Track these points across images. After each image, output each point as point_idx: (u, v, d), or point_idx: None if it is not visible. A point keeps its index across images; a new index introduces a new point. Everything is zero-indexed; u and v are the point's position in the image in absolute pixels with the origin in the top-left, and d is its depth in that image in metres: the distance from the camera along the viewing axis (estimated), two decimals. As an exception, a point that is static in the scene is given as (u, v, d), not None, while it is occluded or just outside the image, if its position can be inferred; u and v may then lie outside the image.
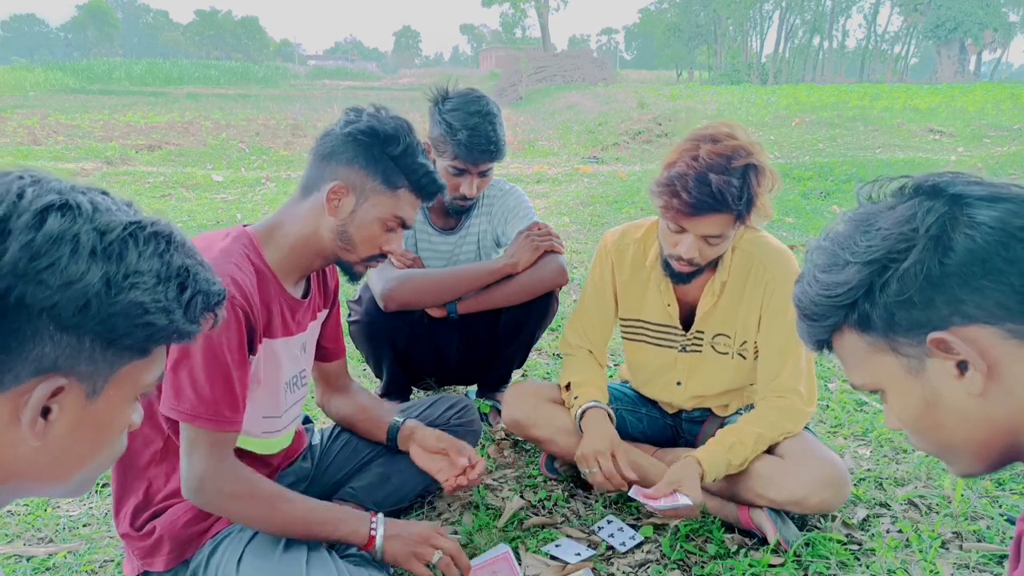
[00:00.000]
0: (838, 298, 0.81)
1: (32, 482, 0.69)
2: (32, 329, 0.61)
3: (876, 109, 15.43)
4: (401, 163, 1.45)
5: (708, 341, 1.93)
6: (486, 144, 2.08)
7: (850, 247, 0.80)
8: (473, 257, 2.40)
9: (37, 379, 0.63)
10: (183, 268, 0.70)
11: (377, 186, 1.45)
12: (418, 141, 1.49)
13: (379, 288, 2.07)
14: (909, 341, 0.78)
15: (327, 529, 1.43)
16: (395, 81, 57.45)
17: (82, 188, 0.67)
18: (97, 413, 0.68)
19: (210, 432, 1.34)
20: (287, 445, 1.67)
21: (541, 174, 9.35)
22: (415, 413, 1.92)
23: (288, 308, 1.50)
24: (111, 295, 0.64)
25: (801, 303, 0.87)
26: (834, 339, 0.86)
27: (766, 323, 1.86)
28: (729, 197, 1.62)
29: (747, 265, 1.86)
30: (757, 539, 1.81)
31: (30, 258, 0.60)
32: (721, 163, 1.62)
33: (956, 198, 0.77)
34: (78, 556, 1.77)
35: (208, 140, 12.74)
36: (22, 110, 17.38)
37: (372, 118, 1.45)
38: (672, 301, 1.93)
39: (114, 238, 0.65)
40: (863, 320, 0.80)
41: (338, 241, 1.47)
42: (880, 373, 0.83)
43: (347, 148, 1.43)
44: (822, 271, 0.83)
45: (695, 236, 1.69)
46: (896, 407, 0.84)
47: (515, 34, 76.48)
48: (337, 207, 1.44)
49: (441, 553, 1.47)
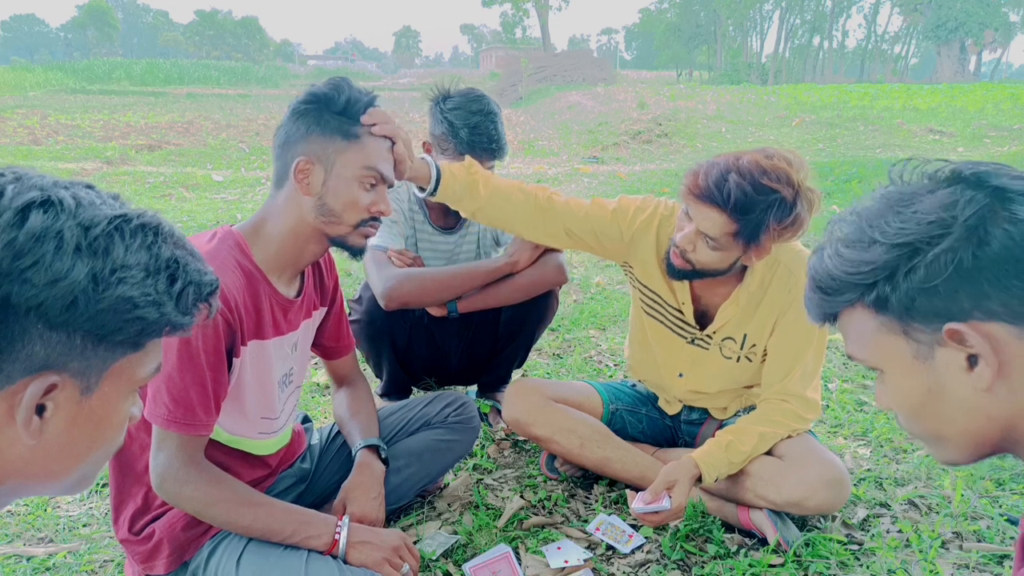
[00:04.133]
0: (859, 276, 0.78)
1: (31, 481, 0.68)
2: (20, 328, 0.61)
3: (876, 109, 15.44)
4: (350, 112, 1.43)
5: (717, 343, 1.93)
6: (488, 142, 2.09)
7: (880, 226, 0.77)
8: (473, 256, 2.40)
9: (29, 378, 0.62)
10: (173, 260, 0.69)
11: (338, 144, 1.41)
12: (360, 89, 1.46)
13: (380, 287, 2.08)
14: (923, 328, 0.76)
15: (287, 532, 1.44)
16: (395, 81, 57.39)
17: (65, 183, 0.66)
18: (93, 409, 0.68)
19: (180, 435, 1.35)
20: (285, 444, 1.67)
21: (541, 174, 9.36)
22: (413, 411, 1.92)
23: (280, 308, 1.49)
24: (98, 291, 0.63)
25: (817, 275, 0.84)
26: (843, 314, 0.84)
27: (781, 328, 1.83)
28: (734, 200, 1.57)
29: (771, 269, 1.82)
30: (757, 539, 1.81)
31: (13, 257, 0.60)
32: (752, 171, 1.58)
33: (999, 191, 0.74)
34: (78, 556, 1.77)
35: (208, 140, 12.75)
36: (22, 110, 17.38)
37: (308, 89, 1.45)
38: (687, 300, 1.90)
39: (99, 233, 0.64)
40: (880, 301, 0.78)
41: (321, 217, 1.43)
42: (885, 353, 0.81)
43: (297, 125, 1.42)
44: (846, 246, 0.80)
45: (696, 228, 1.68)
46: (894, 389, 0.83)
47: (515, 34, 76.44)
48: (308, 183, 1.41)
49: (408, 568, 1.49)
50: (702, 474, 1.75)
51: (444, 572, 1.71)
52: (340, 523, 1.48)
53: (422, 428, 1.89)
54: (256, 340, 1.44)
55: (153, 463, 1.38)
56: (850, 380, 2.85)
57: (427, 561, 1.72)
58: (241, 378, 1.44)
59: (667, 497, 1.70)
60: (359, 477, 1.65)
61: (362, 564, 1.45)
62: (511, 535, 1.85)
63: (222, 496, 1.40)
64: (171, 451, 1.36)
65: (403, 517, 1.92)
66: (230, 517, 1.41)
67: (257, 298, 1.43)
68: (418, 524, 1.89)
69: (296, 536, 1.44)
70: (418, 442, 1.86)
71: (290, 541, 1.44)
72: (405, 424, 1.89)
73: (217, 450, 1.49)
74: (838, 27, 66.58)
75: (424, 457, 1.85)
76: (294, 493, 1.72)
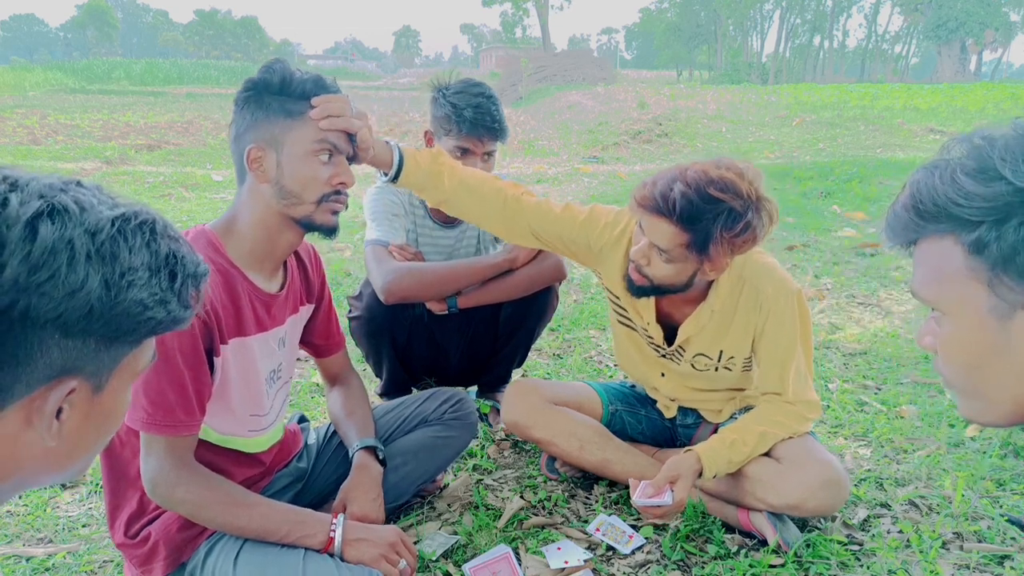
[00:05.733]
0: (968, 210, 0.69)
1: (40, 474, 0.70)
2: (38, 339, 0.62)
3: (877, 109, 15.44)
4: (289, 90, 1.41)
5: (688, 359, 1.92)
6: (491, 122, 2.12)
7: (1012, 161, 0.68)
8: (473, 252, 2.41)
9: (48, 385, 0.64)
10: (170, 255, 0.70)
11: (283, 124, 1.39)
12: (294, 68, 1.43)
13: (380, 281, 2.08)
14: (1014, 286, 0.69)
15: (282, 532, 1.43)
16: (395, 81, 57.46)
17: (60, 185, 0.66)
18: (103, 404, 0.70)
19: (166, 438, 1.35)
20: (276, 440, 1.66)
21: (541, 174, 9.36)
22: (410, 408, 1.91)
23: (261, 303, 1.48)
24: (111, 297, 0.64)
25: (918, 194, 0.74)
26: (926, 243, 0.75)
27: (765, 341, 1.82)
28: (680, 209, 1.55)
29: (737, 288, 1.81)
30: (757, 540, 1.81)
31: (29, 271, 0.60)
32: (698, 181, 1.56)
33: None
34: (77, 556, 1.77)
35: (208, 140, 12.75)
36: (22, 110, 17.37)
37: (245, 79, 1.44)
38: (652, 320, 1.89)
39: (105, 238, 0.64)
40: (978, 243, 0.69)
41: (282, 200, 1.41)
42: (958, 299, 0.73)
43: (243, 115, 1.41)
44: (964, 172, 0.70)
45: (648, 241, 1.66)
46: (953, 338, 0.76)
47: (515, 34, 76.42)
48: (263, 169, 1.40)
49: (405, 563, 1.48)
50: (704, 469, 1.74)
51: (444, 572, 1.71)
52: (335, 521, 1.48)
53: (419, 425, 1.89)
54: (238, 338, 1.43)
55: (143, 468, 1.37)
56: (850, 380, 2.84)
57: (427, 561, 1.72)
58: (225, 377, 1.43)
59: (669, 491, 1.69)
60: (357, 478, 1.64)
61: (359, 561, 1.44)
62: (511, 535, 1.84)
63: (215, 498, 1.40)
64: (159, 455, 1.36)
65: (403, 517, 1.92)
66: (224, 519, 1.41)
67: (235, 295, 1.42)
68: (418, 524, 1.89)
69: (291, 536, 1.44)
70: (415, 440, 1.85)
71: (286, 541, 1.44)
72: (401, 422, 1.89)
73: (209, 450, 1.48)
74: (839, 27, 66.64)
75: (421, 455, 1.85)
76: (291, 493, 1.72)
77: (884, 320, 3.61)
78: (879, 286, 4.18)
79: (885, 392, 2.73)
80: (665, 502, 1.67)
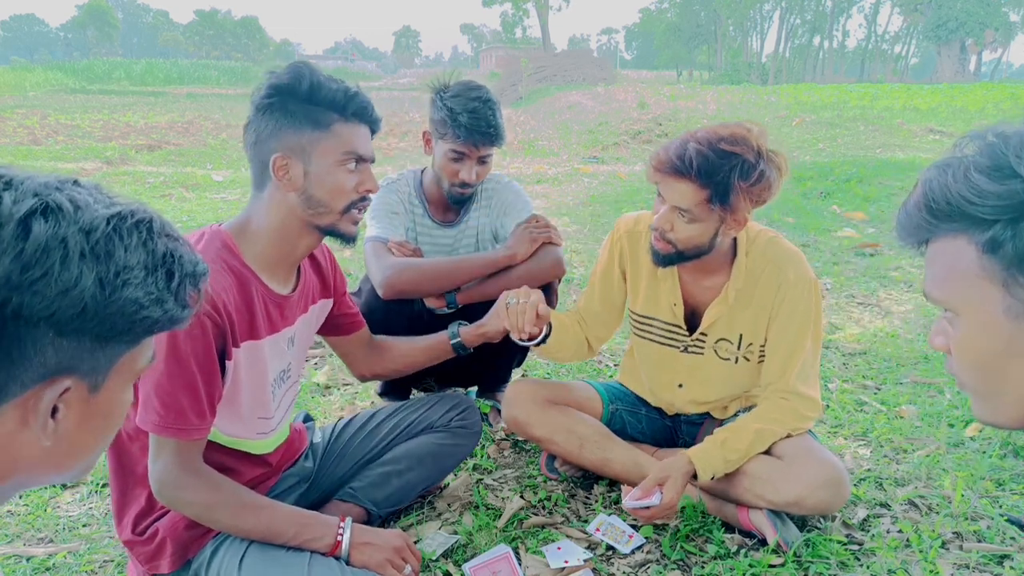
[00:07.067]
0: (981, 208, 0.67)
1: (40, 474, 0.70)
2: (32, 338, 0.62)
3: (876, 109, 15.44)
4: (316, 99, 1.38)
5: (711, 345, 1.93)
6: (486, 127, 2.11)
7: None
8: (472, 250, 2.40)
9: (43, 384, 0.63)
10: (168, 254, 0.70)
11: (311, 135, 1.37)
12: (322, 74, 1.39)
13: (379, 276, 2.08)
14: None
15: (289, 535, 1.43)
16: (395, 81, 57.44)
17: (56, 184, 0.66)
18: (100, 404, 0.69)
19: (176, 441, 1.35)
20: (283, 440, 1.66)
21: (541, 174, 9.36)
22: (416, 413, 1.91)
23: (274, 304, 1.48)
24: (106, 296, 0.64)
25: (931, 192, 0.72)
26: (938, 242, 0.73)
27: (776, 325, 1.84)
28: (697, 165, 1.62)
29: (760, 266, 1.83)
30: (757, 539, 1.81)
31: (22, 269, 0.60)
32: (709, 139, 1.64)
33: None
34: (78, 556, 1.77)
35: (208, 140, 12.75)
36: (22, 110, 17.38)
37: (267, 81, 1.40)
38: (678, 300, 1.92)
39: (100, 236, 0.64)
40: (992, 242, 0.68)
41: (308, 209, 1.41)
42: (971, 299, 0.72)
43: (265, 121, 1.38)
44: (978, 170, 0.68)
45: (669, 206, 1.70)
46: (966, 339, 0.74)
47: (515, 34, 76.39)
48: (289, 178, 1.39)
49: (410, 568, 1.49)
50: (697, 471, 1.75)
51: (444, 572, 1.71)
52: (342, 525, 1.48)
53: (424, 431, 1.89)
54: (250, 341, 1.43)
55: (151, 469, 1.37)
56: (850, 380, 2.85)
57: (427, 561, 1.72)
58: (236, 380, 1.43)
59: (658, 493, 1.71)
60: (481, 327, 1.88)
61: (364, 565, 1.45)
62: (511, 535, 1.85)
63: (222, 500, 1.40)
64: (168, 457, 1.36)
65: (403, 517, 1.92)
66: (231, 521, 1.41)
67: (249, 298, 1.42)
68: (418, 524, 1.89)
69: (298, 539, 1.44)
70: (420, 445, 1.86)
71: (292, 543, 1.44)
72: (407, 426, 1.89)
73: (217, 451, 1.48)
74: (838, 27, 66.61)
75: (426, 461, 1.85)
76: (297, 492, 1.72)
77: (884, 320, 3.61)
78: (879, 286, 4.18)
79: (885, 392, 2.73)
80: (653, 503, 1.69)
